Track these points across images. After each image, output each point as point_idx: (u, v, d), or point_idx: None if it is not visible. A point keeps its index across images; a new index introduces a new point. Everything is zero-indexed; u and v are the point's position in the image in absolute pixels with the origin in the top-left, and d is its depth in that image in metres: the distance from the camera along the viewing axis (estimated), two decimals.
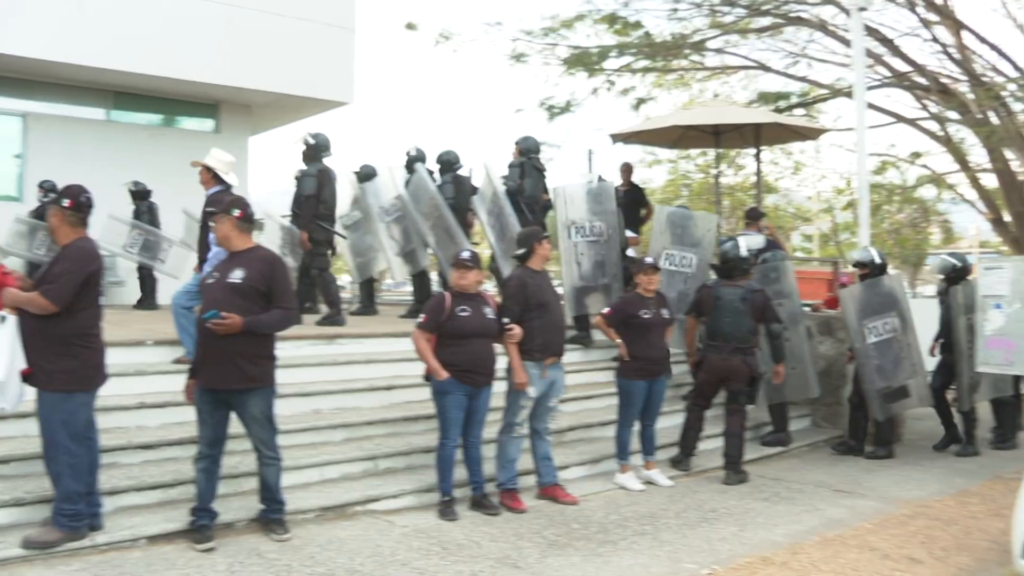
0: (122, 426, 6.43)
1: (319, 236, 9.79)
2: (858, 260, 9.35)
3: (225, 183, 7.16)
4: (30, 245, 11.95)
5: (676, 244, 9.59)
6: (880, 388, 8.86)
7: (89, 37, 13.36)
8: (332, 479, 6.54)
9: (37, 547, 4.98)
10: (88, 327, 5.13)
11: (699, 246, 9.58)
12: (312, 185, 9.50)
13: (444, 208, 10.44)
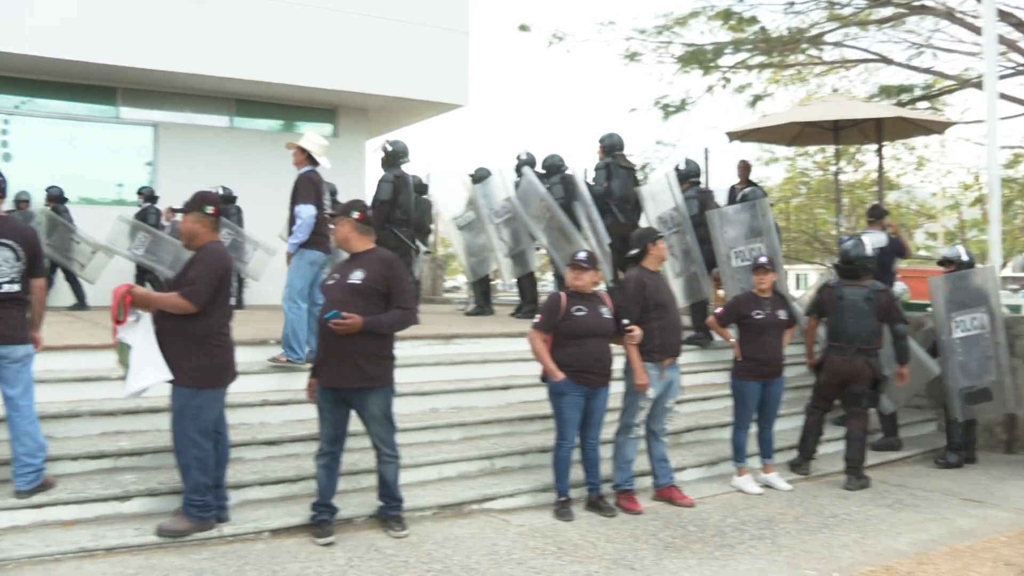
0: (247, 422, 6.66)
1: (391, 243, 9.59)
2: (945, 257, 9.08)
3: (315, 163, 7.34)
4: (130, 244, 12.65)
5: (742, 240, 9.38)
6: (963, 387, 8.44)
7: (213, 49, 13.88)
8: (449, 477, 6.62)
9: (169, 535, 5.21)
10: (219, 326, 5.33)
11: (763, 233, 9.30)
12: (387, 191, 9.50)
13: (556, 209, 10.44)
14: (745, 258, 9.17)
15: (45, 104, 14.73)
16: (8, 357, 5.31)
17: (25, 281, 5.40)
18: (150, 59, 13.57)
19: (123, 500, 5.55)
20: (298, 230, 7.12)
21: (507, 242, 11.44)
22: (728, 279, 9.34)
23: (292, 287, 7.19)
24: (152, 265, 12.70)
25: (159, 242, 12.78)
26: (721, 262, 9.39)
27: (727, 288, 9.38)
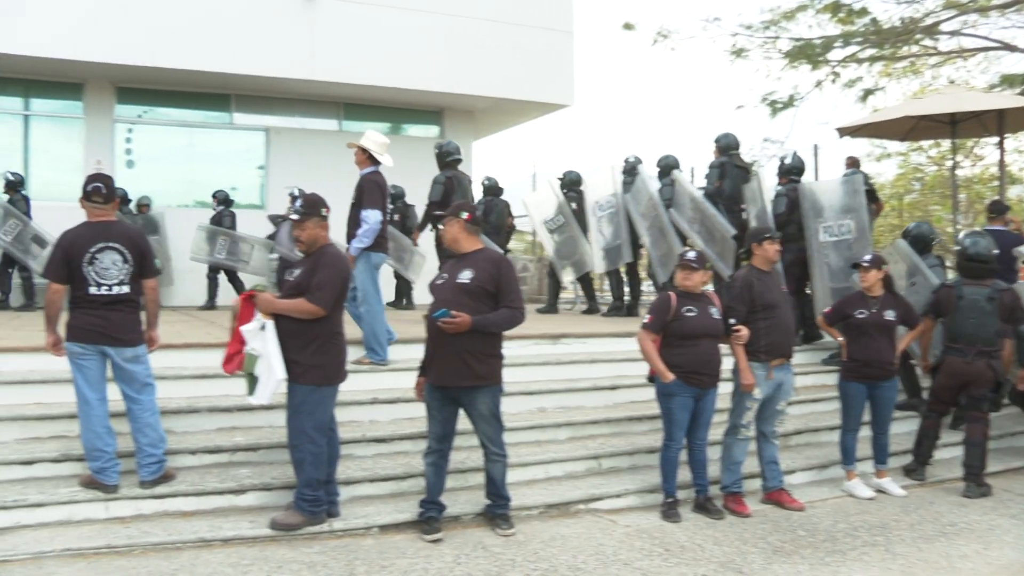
0: (357, 420, 6.79)
1: None
2: None
3: (378, 163, 7.39)
4: (210, 250, 13.15)
5: (830, 216, 9.14)
6: None
7: (321, 54, 14.22)
8: (556, 477, 6.61)
9: (282, 529, 5.35)
10: (336, 326, 5.45)
11: (853, 210, 9.04)
12: (438, 192, 9.79)
13: (661, 209, 10.59)
14: (833, 233, 9.00)
15: (164, 113, 15.33)
16: (119, 357, 5.52)
17: (135, 282, 5.59)
18: (261, 66, 14.00)
19: (238, 494, 5.72)
20: (364, 235, 7.15)
21: (605, 236, 11.67)
22: (815, 253, 9.15)
23: (365, 290, 7.28)
24: (234, 265, 13.14)
25: (237, 242, 13.24)
26: (809, 236, 9.18)
27: (812, 263, 9.20)
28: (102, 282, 5.44)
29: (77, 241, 5.47)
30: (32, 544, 5.04)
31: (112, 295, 5.47)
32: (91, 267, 5.43)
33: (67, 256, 5.45)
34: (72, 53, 13.12)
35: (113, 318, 5.47)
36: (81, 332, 5.45)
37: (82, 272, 5.43)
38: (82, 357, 5.46)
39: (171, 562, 4.95)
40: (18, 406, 6.27)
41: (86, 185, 5.64)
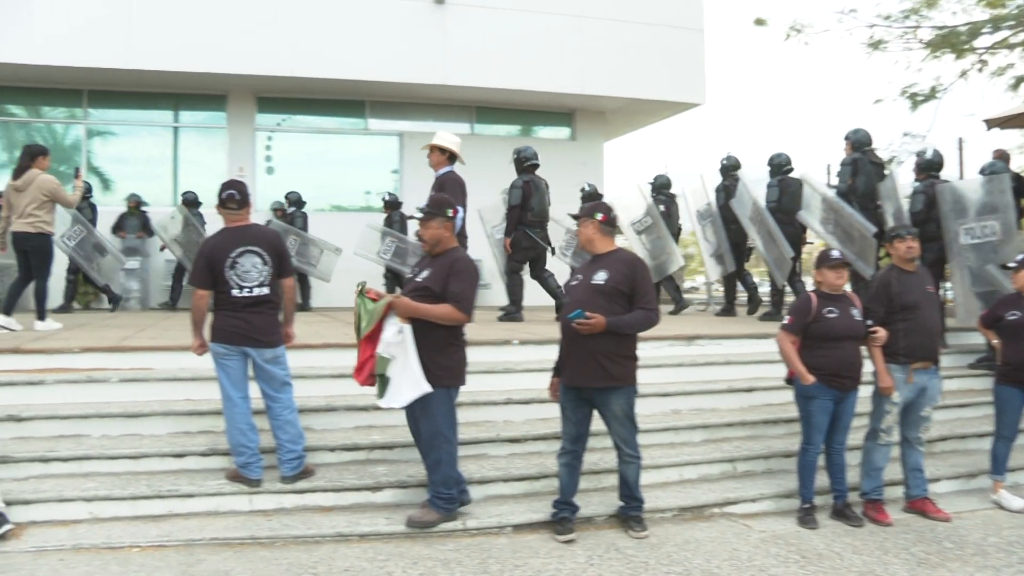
0: (491, 420, 6.87)
1: (525, 243, 10.43)
2: None
3: (454, 162, 7.36)
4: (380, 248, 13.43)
5: (972, 217, 8.70)
6: None
7: (453, 59, 14.44)
8: (690, 479, 6.53)
9: (418, 526, 5.44)
10: (461, 330, 5.52)
11: (998, 211, 8.57)
12: (517, 196, 10.29)
13: (764, 212, 10.67)
14: (976, 235, 8.62)
15: (302, 120, 15.83)
16: (260, 358, 5.72)
17: (275, 284, 5.78)
18: (395, 72, 14.34)
19: (375, 491, 5.86)
20: None
21: (711, 242, 12.01)
22: (955, 256, 8.79)
23: None
24: (400, 268, 13.34)
25: (406, 246, 13.45)
26: (949, 239, 8.82)
27: (952, 267, 8.87)
28: (243, 285, 5.65)
29: (218, 247, 5.70)
30: (183, 532, 5.30)
31: (253, 297, 5.67)
32: (232, 271, 5.64)
33: (209, 262, 5.68)
34: (217, 67, 13.75)
35: (254, 320, 5.67)
36: (224, 333, 5.67)
37: (224, 276, 5.64)
38: (225, 357, 5.69)
39: (311, 555, 5.10)
40: (170, 402, 6.60)
41: (220, 192, 5.86)
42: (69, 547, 5.10)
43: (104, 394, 6.64)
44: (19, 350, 7.10)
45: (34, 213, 8.69)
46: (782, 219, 10.61)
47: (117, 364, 7.02)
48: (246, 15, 13.70)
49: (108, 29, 13.29)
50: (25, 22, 13.01)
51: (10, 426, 6.18)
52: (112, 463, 5.92)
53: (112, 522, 5.44)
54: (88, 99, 15.09)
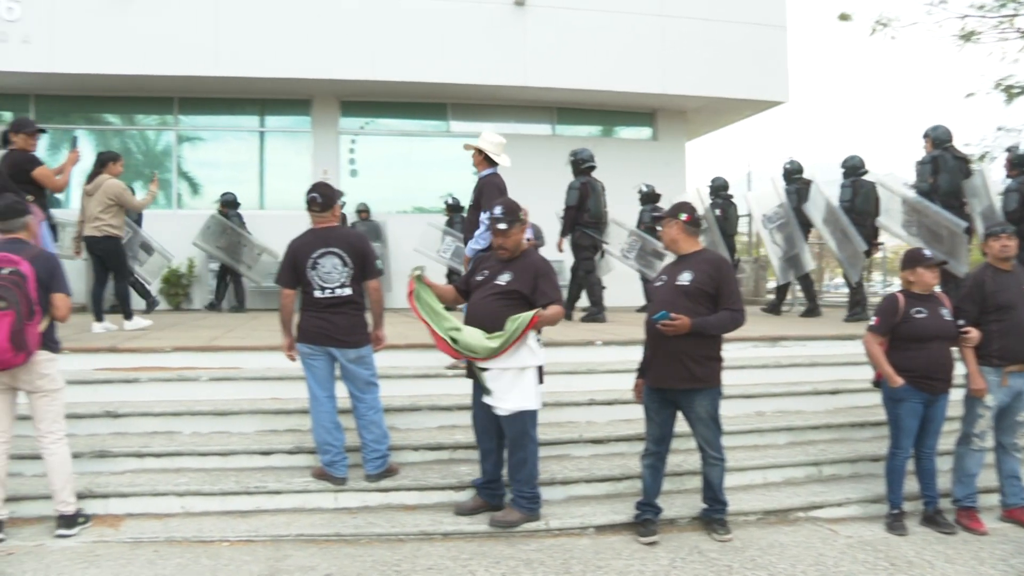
0: (574, 420, 6.88)
1: (584, 242, 10.69)
2: None
3: (496, 164, 7.32)
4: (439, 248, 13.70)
5: None
6: None
7: (533, 61, 14.46)
8: (775, 483, 6.44)
9: (501, 526, 5.48)
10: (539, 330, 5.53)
11: None
12: (574, 197, 10.55)
13: (839, 212, 10.72)
14: None
15: (385, 123, 16.02)
16: (343, 358, 5.80)
17: (357, 285, 5.84)
18: (476, 75, 14.43)
19: (458, 490, 5.91)
20: (480, 236, 7.04)
21: (780, 245, 12.05)
22: None
23: None
24: (459, 267, 13.46)
25: None
26: None
27: None
28: (325, 285, 5.74)
29: (302, 248, 5.81)
30: (271, 528, 5.42)
31: (335, 298, 5.75)
32: (314, 271, 5.74)
33: (293, 262, 5.80)
34: (301, 72, 14.00)
35: (337, 320, 5.75)
36: (308, 334, 5.78)
37: (307, 276, 5.75)
38: (311, 357, 5.79)
39: (394, 552, 5.16)
40: (257, 400, 6.77)
41: (307, 195, 5.97)
42: (163, 539, 5.27)
43: (195, 392, 6.83)
44: (115, 349, 7.34)
45: (100, 217, 8.94)
46: (855, 219, 10.66)
47: (207, 363, 7.21)
48: (329, 21, 13.93)
49: (197, 39, 13.65)
50: (119, 35, 13.47)
51: (107, 422, 6.41)
52: (202, 459, 6.10)
53: (202, 516, 5.60)
54: (178, 106, 15.51)
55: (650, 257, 12.51)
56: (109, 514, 5.58)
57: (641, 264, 12.72)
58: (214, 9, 13.74)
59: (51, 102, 14.98)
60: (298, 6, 13.85)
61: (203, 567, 4.89)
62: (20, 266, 4.97)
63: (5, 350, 4.82)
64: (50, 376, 5.23)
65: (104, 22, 13.46)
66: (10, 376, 5.12)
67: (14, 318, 4.83)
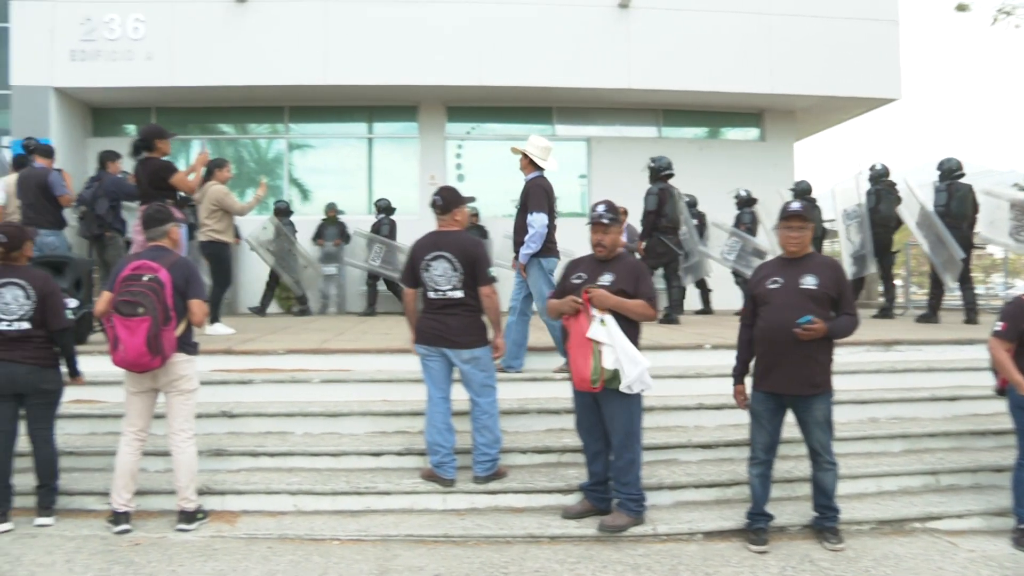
0: (682, 425, 6.80)
1: (659, 248, 10.74)
2: None
3: (540, 169, 7.32)
4: (367, 256, 13.68)
5: None
6: None
7: (638, 63, 14.37)
8: (889, 491, 6.25)
9: (608, 530, 5.44)
10: (639, 331, 5.49)
11: None
12: (652, 203, 10.62)
13: (933, 217, 10.77)
14: None
15: (491, 128, 16.14)
16: (457, 359, 5.85)
17: (469, 289, 5.87)
18: (581, 78, 14.42)
19: (566, 493, 5.90)
20: (531, 240, 7.03)
21: (854, 243, 12.05)
22: None
23: (543, 297, 7.01)
24: (387, 273, 13.63)
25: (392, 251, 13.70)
26: None
27: None
28: (437, 287, 5.82)
29: (418, 250, 5.93)
30: (380, 527, 5.52)
31: (446, 299, 5.82)
32: (427, 273, 5.83)
33: (412, 263, 5.94)
34: (408, 79, 14.22)
35: (449, 321, 5.82)
36: (423, 334, 5.89)
37: (422, 278, 5.85)
38: (427, 358, 5.90)
39: (502, 554, 5.19)
40: (367, 402, 6.90)
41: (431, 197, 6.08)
42: (276, 536, 5.42)
43: (306, 394, 7.00)
44: (230, 351, 7.57)
45: (206, 223, 9.21)
46: (950, 223, 10.56)
47: (318, 365, 7.39)
48: (434, 28, 14.11)
49: (306, 49, 14.03)
50: (233, 48, 13.99)
51: (223, 422, 6.63)
52: (314, 459, 6.24)
53: (314, 515, 5.74)
54: (289, 115, 15.93)
55: (751, 257, 12.46)
56: (226, 510, 5.77)
57: (741, 265, 12.67)
58: (323, 20, 14.07)
59: (170, 114, 15.57)
60: (404, 15, 14.07)
61: (314, 565, 5.00)
62: (159, 273, 5.25)
63: (142, 354, 5.10)
64: (187, 377, 5.48)
65: (219, 37, 14.00)
66: (151, 378, 5.39)
67: (151, 323, 5.10)
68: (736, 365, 5.53)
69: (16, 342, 5.44)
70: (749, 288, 5.55)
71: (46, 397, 5.58)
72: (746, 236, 12.89)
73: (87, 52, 14.03)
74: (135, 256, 5.55)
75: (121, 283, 5.23)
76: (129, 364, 5.16)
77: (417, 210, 15.18)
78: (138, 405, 5.49)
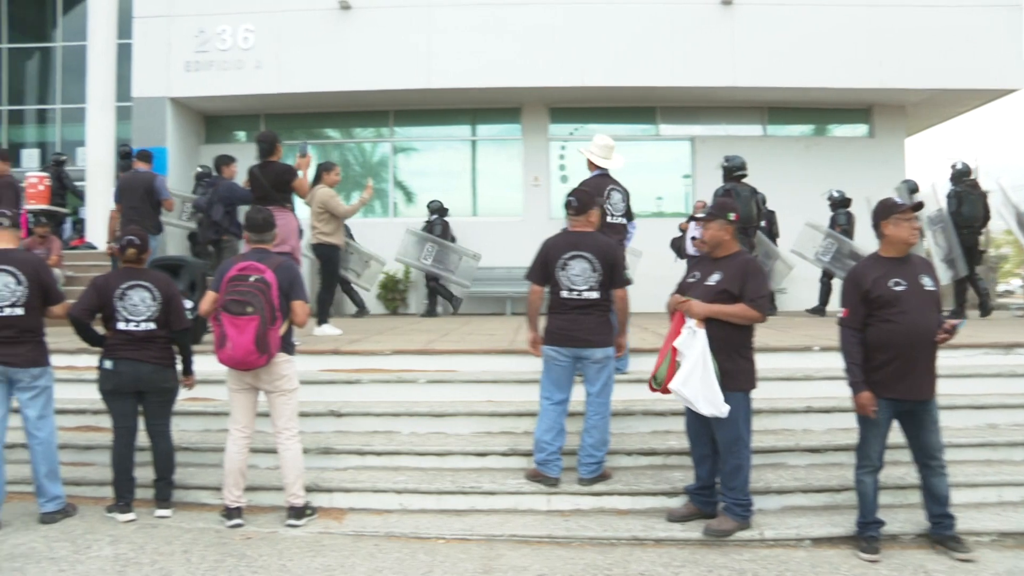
0: (789, 428, 6.65)
1: None
2: None
3: (602, 168, 7.22)
4: (419, 255, 13.64)
5: None
6: None
7: (743, 60, 14.15)
8: (1012, 502, 5.96)
9: (714, 534, 5.36)
10: (752, 332, 5.39)
11: None
12: None
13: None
14: None
15: (594, 128, 16.06)
16: (589, 358, 5.82)
17: (605, 290, 5.84)
18: (684, 77, 14.27)
19: (671, 496, 5.84)
20: None
21: (942, 247, 11.91)
22: None
23: None
24: (440, 272, 13.55)
25: (445, 251, 13.65)
26: None
27: None
28: (572, 287, 5.82)
29: (553, 248, 5.94)
30: (485, 527, 5.56)
31: (581, 300, 5.81)
32: (563, 272, 5.84)
33: (544, 260, 5.95)
34: (511, 81, 14.32)
35: (583, 320, 5.80)
36: (554, 336, 5.88)
37: (556, 276, 5.87)
38: (555, 360, 5.88)
39: (606, 556, 5.16)
40: (472, 402, 6.94)
41: (565, 198, 6.11)
42: (382, 534, 5.50)
43: (412, 394, 7.08)
44: (338, 351, 7.71)
45: (315, 225, 9.38)
46: None
47: (424, 366, 7.46)
48: (536, 30, 14.16)
49: (410, 54, 14.30)
50: (338, 55, 14.36)
51: (331, 420, 6.76)
52: (420, 459, 6.32)
53: (419, 514, 5.81)
54: (394, 118, 16.22)
55: (846, 259, 12.24)
56: (333, 507, 5.89)
57: (836, 267, 12.45)
58: (426, 25, 14.29)
59: (278, 120, 16.05)
60: (506, 17, 14.21)
61: (420, 563, 5.05)
62: (265, 274, 5.42)
63: (250, 352, 5.28)
64: (288, 377, 5.62)
65: (324, 44, 14.39)
66: (253, 376, 5.55)
67: (259, 323, 5.28)
68: (855, 372, 5.19)
69: (142, 342, 5.71)
70: (861, 290, 5.19)
71: (164, 395, 5.84)
72: (842, 238, 12.56)
73: (200, 63, 14.62)
74: (241, 257, 5.72)
75: (228, 283, 5.40)
76: (236, 362, 5.33)
77: (520, 211, 15.24)
78: (241, 402, 5.66)
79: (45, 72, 19.80)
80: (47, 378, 5.77)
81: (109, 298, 5.69)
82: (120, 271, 5.85)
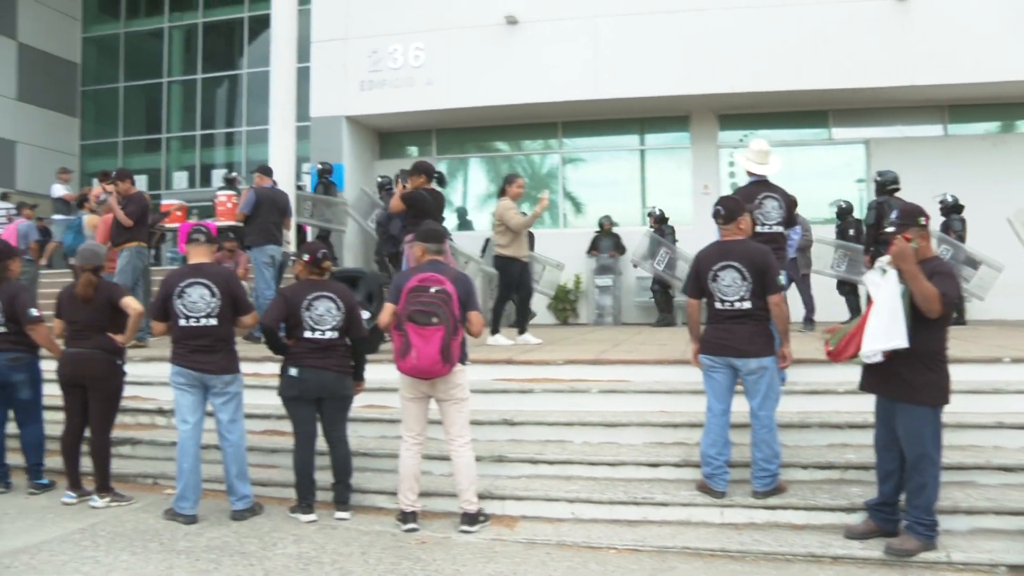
0: (978, 444, 6.31)
1: None
2: None
3: (758, 175, 7.13)
4: (653, 260, 13.43)
5: None
6: None
7: (921, 57, 13.47)
8: None
9: (896, 554, 5.14)
10: (944, 343, 5.15)
11: None
12: (872, 216, 10.43)
13: None
14: None
15: (764, 134, 15.69)
16: (743, 369, 5.76)
17: (758, 299, 5.75)
18: (859, 78, 13.74)
19: (849, 512, 5.65)
20: None
21: None
22: None
23: None
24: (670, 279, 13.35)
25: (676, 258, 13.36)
26: None
27: None
28: (724, 298, 5.78)
29: (704, 260, 5.92)
30: (656, 538, 5.55)
31: (735, 310, 5.76)
32: (714, 284, 5.80)
33: (696, 271, 5.95)
34: (680, 89, 14.22)
35: (736, 330, 5.76)
36: (709, 344, 5.88)
37: (708, 288, 5.84)
38: (711, 369, 5.87)
39: (781, 572, 5.06)
40: (645, 413, 6.93)
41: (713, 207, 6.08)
42: (554, 543, 5.57)
43: (585, 404, 7.14)
44: (511, 361, 7.86)
45: (494, 237, 9.53)
46: None
47: (596, 376, 7.50)
48: (705, 36, 13.99)
49: (577, 66, 14.39)
50: (506, 69, 14.64)
51: (504, 429, 6.90)
52: (592, 468, 6.36)
53: (591, 523, 5.85)
54: (562, 130, 16.37)
55: (963, 267, 11.66)
56: (506, 515, 6.00)
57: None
58: (593, 36, 14.37)
59: (449, 135, 16.52)
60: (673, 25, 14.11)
61: (591, 572, 5.09)
62: (445, 285, 5.59)
63: (436, 362, 5.45)
64: (461, 386, 5.80)
65: (493, 59, 14.70)
66: (429, 386, 5.73)
67: (444, 332, 5.46)
68: None
69: (326, 350, 6.03)
70: None
71: (342, 402, 6.16)
72: (957, 244, 11.81)
73: (374, 82, 15.24)
74: (417, 269, 5.90)
75: (408, 294, 5.58)
76: (421, 371, 5.51)
77: (691, 220, 15.08)
78: (414, 411, 5.85)
79: (233, 98, 21.14)
80: (238, 384, 6.19)
81: (296, 308, 6.02)
82: (304, 283, 6.17)
